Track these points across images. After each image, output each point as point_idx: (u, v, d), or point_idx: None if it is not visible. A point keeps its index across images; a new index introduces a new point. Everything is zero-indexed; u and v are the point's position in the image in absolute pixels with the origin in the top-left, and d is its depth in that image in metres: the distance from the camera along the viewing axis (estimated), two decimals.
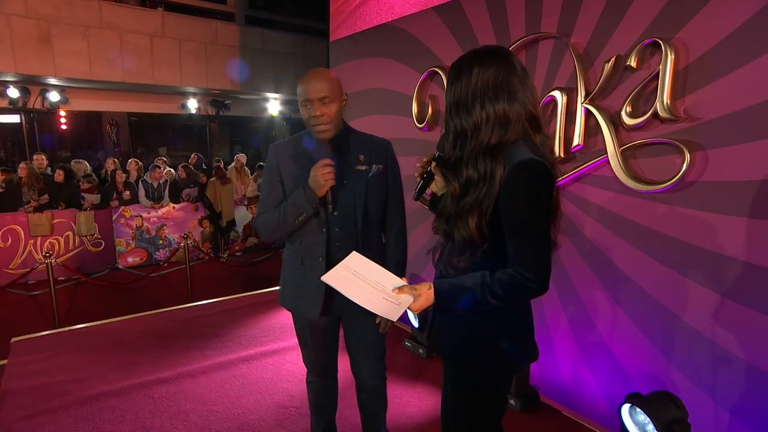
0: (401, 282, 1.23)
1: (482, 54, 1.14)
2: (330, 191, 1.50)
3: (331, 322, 1.73)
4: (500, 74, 1.11)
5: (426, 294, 1.18)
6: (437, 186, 1.33)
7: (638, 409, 1.89)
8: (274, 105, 10.83)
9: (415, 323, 3.06)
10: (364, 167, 1.59)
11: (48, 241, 5.34)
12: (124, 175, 6.00)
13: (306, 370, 1.89)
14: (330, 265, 1.57)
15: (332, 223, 1.58)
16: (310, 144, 1.59)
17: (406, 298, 1.18)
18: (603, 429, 2.28)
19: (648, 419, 1.88)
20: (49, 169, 6.01)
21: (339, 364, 1.91)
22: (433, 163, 1.28)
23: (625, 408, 1.94)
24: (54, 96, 7.84)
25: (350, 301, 1.56)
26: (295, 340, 3.24)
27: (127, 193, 5.94)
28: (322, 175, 1.46)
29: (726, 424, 1.90)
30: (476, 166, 1.12)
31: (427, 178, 1.30)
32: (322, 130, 1.52)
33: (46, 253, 3.94)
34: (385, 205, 1.65)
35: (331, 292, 1.60)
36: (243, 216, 6.82)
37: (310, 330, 1.74)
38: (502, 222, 1.13)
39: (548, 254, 1.12)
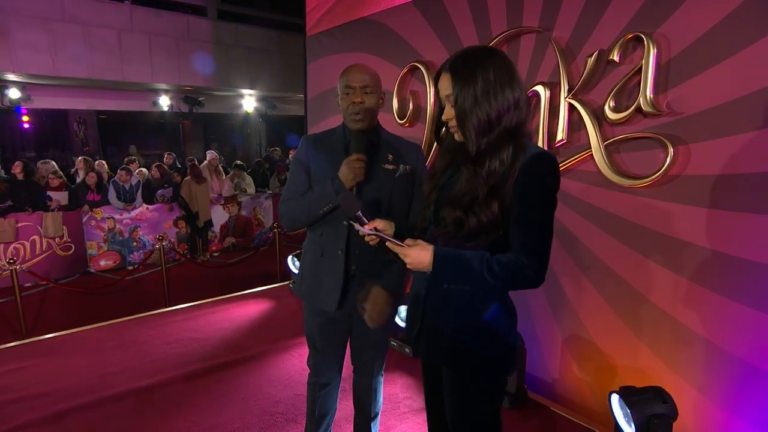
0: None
1: (485, 52, 1.20)
2: (356, 185, 1.53)
3: (344, 318, 1.72)
4: (508, 68, 1.18)
5: (425, 248, 1.17)
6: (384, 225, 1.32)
7: (619, 397, 1.90)
8: (249, 101, 10.64)
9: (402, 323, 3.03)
10: (391, 167, 1.61)
11: (12, 246, 5.09)
12: (95, 177, 5.75)
13: (308, 371, 1.85)
14: (349, 257, 1.61)
15: None
16: (345, 137, 1.63)
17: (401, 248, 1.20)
18: (590, 422, 2.30)
19: (622, 403, 1.90)
20: (2, 171, 5.72)
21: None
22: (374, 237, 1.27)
23: (615, 398, 1.95)
24: (14, 93, 7.49)
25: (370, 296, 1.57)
26: (280, 343, 3.21)
27: (98, 196, 5.71)
28: (353, 169, 1.49)
29: (713, 415, 1.93)
30: (499, 151, 1.16)
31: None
32: (359, 119, 1.56)
33: (10, 259, 3.74)
34: (410, 205, 1.68)
35: (347, 285, 1.63)
36: (220, 215, 6.65)
37: (323, 324, 1.72)
38: (511, 210, 1.15)
39: (549, 247, 1.16)
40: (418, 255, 1.17)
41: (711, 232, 1.88)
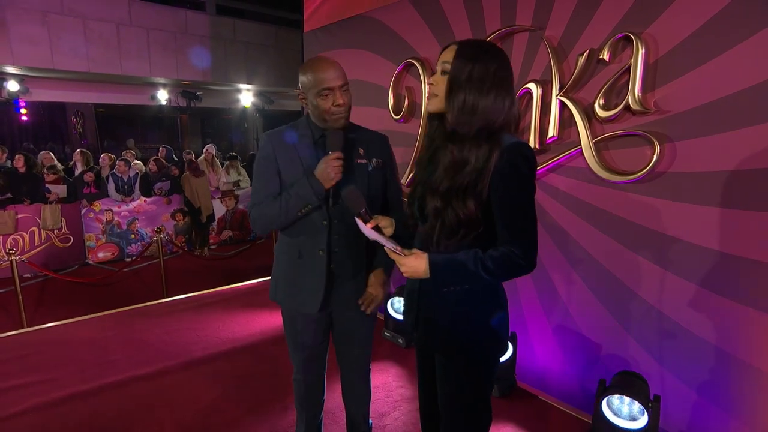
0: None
1: (495, 49, 1.23)
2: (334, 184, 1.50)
3: (324, 317, 1.71)
4: (508, 71, 1.22)
5: (419, 256, 1.21)
6: (385, 222, 1.38)
7: (616, 396, 1.95)
8: (246, 96, 10.63)
9: (393, 313, 3.09)
10: (364, 161, 1.58)
11: (11, 237, 5.13)
12: (92, 174, 5.78)
13: (293, 366, 1.84)
14: (331, 257, 1.58)
15: (333, 215, 1.57)
16: (313, 133, 1.58)
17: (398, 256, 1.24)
18: (576, 410, 2.36)
19: (622, 401, 1.96)
20: (9, 162, 5.76)
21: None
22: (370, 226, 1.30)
23: (604, 402, 1.99)
24: (13, 85, 7.49)
25: (345, 294, 1.62)
26: (276, 333, 3.27)
27: (96, 189, 5.75)
28: (334, 168, 1.45)
29: (697, 405, 2.00)
30: (478, 145, 1.19)
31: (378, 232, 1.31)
32: (341, 118, 1.52)
33: (10, 250, 3.78)
34: (384, 196, 1.66)
35: (330, 286, 1.61)
36: (217, 209, 6.71)
37: (304, 326, 1.70)
38: (492, 202, 1.19)
39: (535, 233, 1.19)
40: (413, 263, 1.21)
41: (695, 228, 1.94)
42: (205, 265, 5.67)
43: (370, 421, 2.02)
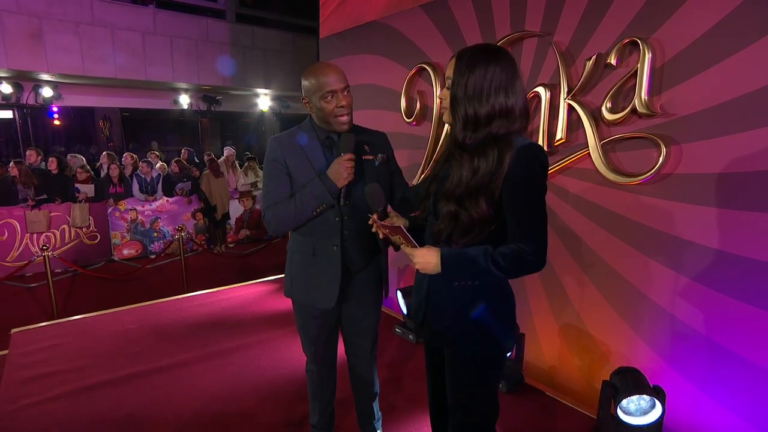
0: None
1: (493, 51, 1.22)
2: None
3: (336, 310, 1.77)
4: (510, 73, 1.21)
5: (432, 249, 1.24)
6: (400, 221, 1.45)
7: (628, 398, 1.97)
8: (264, 101, 10.85)
9: (404, 309, 3.17)
10: (370, 157, 1.66)
11: (44, 234, 5.38)
12: (118, 169, 6.03)
13: (305, 358, 1.92)
14: (345, 253, 1.65)
15: (344, 212, 1.64)
16: (318, 136, 1.65)
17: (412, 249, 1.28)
18: (583, 406, 2.40)
19: (630, 400, 1.99)
20: (43, 164, 6.04)
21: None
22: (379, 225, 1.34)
23: (619, 409, 2.02)
24: (47, 91, 7.83)
25: (356, 286, 1.70)
26: (290, 328, 3.37)
27: (121, 189, 5.98)
28: (347, 169, 1.53)
29: (709, 409, 2.03)
30: (485, 152, 1.21)
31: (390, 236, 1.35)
32: (347, 121, 1.59)
33: (43, 246, 3.98)
34: (391, 186, 1.75)
35: (346, 279, 1.68)
36: (235, 209, 6.90)
37: (319, 320, 1.77)
38: (505, 201, 1.21)
39: (545, 231, 1.21)
40: (425, 257, 1.24)
41: (700, 228, 1.96)
42: (223, 263, 5.83)
43: (380, 412, 2.09)
